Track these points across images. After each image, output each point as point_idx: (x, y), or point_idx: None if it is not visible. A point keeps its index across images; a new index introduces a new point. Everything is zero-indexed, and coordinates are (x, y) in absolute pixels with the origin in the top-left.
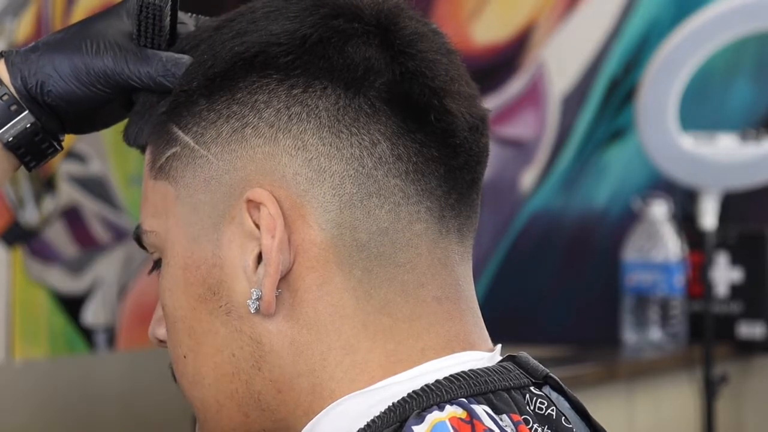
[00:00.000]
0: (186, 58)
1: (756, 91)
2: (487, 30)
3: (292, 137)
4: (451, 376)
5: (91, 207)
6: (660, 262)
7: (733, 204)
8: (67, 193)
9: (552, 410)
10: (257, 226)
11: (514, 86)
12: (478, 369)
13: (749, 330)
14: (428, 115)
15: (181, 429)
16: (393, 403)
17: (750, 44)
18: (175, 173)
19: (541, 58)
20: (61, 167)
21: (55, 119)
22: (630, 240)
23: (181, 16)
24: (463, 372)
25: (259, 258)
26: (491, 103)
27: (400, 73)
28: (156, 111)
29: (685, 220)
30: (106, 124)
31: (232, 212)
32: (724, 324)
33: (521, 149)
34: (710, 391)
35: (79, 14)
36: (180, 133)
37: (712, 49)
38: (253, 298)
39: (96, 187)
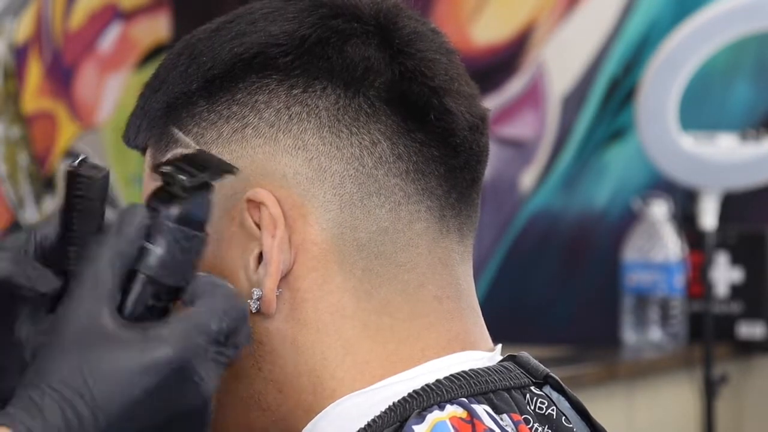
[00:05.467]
0: None
1: (756, 91)
2: (487, 30)
3: (292, 137)
4: (451, 375)
5: None
6: (660, 262)
7: (733, 204)
8: None
9: (552, 410)
10: (258, 226)
11: (514, 86)
12: (478, 369)
13: (749, 330)
14: (428, 115)
15: None
16: (393, 403)
17: (750, 44)
18: None
19: (541, 58)
20: (61, 167)
21: None
22: (630, 240)
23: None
24: (463, 372)
25: (260, 258)
26: (491, 103)
27: (399, 72)
28: (155, 113)
29: (685, 220)
30: None
31: (233, 212)
32: (724, 324)
33: (521, 149)
34: (710, 391)
35: (79, 14)
36: (180, 135)
37: (712, 49)
38: (254, 298)
39: None
